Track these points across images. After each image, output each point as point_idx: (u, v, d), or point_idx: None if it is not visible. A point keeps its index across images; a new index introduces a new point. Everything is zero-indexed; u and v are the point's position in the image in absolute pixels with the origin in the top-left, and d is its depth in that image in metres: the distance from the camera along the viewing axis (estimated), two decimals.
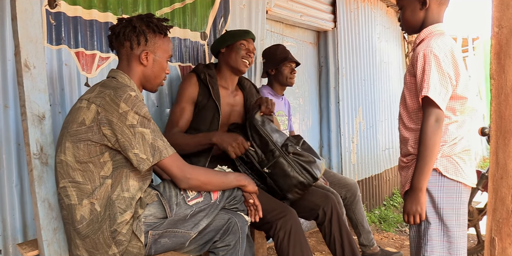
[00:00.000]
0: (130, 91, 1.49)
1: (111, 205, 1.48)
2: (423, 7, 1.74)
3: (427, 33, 1.76)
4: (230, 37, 2.33)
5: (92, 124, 1.46)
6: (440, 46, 1.65)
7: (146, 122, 1.49)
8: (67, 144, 1.49)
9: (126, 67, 1.66)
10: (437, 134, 1.64)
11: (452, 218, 1.70)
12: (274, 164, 2.04)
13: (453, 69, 1.67)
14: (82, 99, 1.51)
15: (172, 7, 2.48)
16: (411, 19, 1.79)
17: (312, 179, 2.02)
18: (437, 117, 1.65)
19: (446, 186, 1.70)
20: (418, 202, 1.69)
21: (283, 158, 2.03)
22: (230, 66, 2.32)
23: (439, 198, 1.71)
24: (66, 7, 1.99)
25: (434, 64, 1.64)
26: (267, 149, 2.06)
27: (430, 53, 1.64)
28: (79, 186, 1.49)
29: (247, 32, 2.36)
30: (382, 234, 3.97)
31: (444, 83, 1.65)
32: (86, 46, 2.07)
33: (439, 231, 1.72)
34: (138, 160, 1.47)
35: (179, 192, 1.60)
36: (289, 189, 2.04)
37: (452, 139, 1.71)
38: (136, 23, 1.64)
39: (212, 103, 2.22)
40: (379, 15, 5.02)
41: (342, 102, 4.14)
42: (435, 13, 1.75)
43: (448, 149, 1.71)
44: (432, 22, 1.75)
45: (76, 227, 1.49)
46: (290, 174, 2.02)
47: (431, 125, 1.64)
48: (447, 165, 1.71)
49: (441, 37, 1.69)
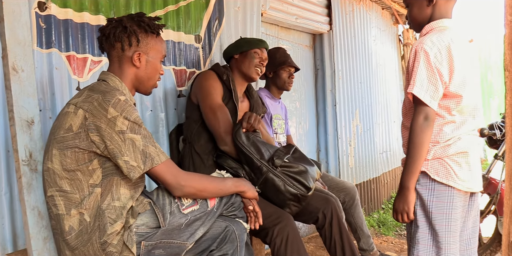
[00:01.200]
0: (119, 95, 1.43)
1: (101, 215, 1.41)
2: (430, 3, 1.70)
3: (428, 29, 1.72)
4: (246, 44, 2.34)
5: (80, 130, 1.39)
6: (434, 42, 1.61)
7: (137, 127, 1.42)
8: (54, 151, 1.42)
9: (118, 69, 1.59)
10: (425, 132, 1.60)
11: (442, 223, 1.64)
12: (264, 181, 1.95)
13: (447, 65, 1.61)
14: (70, 104, 1.45)
15: (166, 9, 2.44)
16: (419, 16, 1.75)
17: (306, 189, 1.94)
18: (426, 115, 1.60)
19: (437, 189, 1.65)
20: (405, 201, 1.66)
21: (271, 173, 1.94)
22: (242, 73, 2.32)
23: (429, 202, 1.65)
24: (56, 9, 1.94)
25: (423, 60, 1.60)
26: (254, 167, 1.98)
27: (421, 49, 1.61)
28: (67, 195, 1.42)
29: (262, 41, 2.38)
30: (381, 238, 3.92)
31: (432, 80, 1.60)
32: (77, 50, 2.02)
33: (428, 235, 1.66)
34: (128, 168, 1.40)
35: (173, 200, 1.53)
36: (284, 204, 1.96)
37: (445, 140, 1.65)
38: (126, 23, 1.57)
39: (231, 105, 2.19)
40: (375, 18, 5.01)
41: (339, 105, 4.10)
42: (442, 9, 1.71)
43: (440, 151, 1.65)
44: (439, 17, 1.71)
45: (65, 238, 1.43)
46: (282, 189, 1.93)
47: (418, 123, 1.60)
48: (438, 168, 1.65)
49: (439, 33, 1.65)
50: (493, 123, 3.28)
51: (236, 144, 2.00)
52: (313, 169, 2.01)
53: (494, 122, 3.29)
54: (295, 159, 2.03)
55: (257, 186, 1.96)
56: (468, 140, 1.68)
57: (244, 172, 2.01)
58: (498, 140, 3.21)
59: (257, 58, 2.32)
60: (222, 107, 2.13)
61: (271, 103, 2.86)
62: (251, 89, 2.46)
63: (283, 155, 2.01)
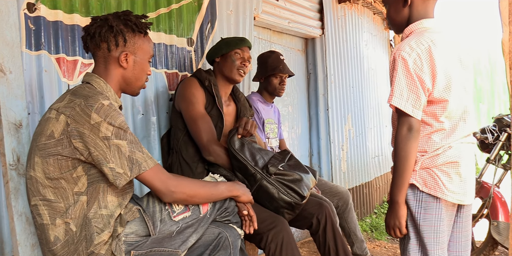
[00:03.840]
0: (102, 99, 1.36)
1: (87, 224, 1.36)
2: (405, 4, 1.64)
3: (408, 32, 1.65)
4: (225, 46, 2.27)
5: (62, 137, 1.33)
6: (413, 47, 1.54)
7: (122, 133, 1.36)
8: (36, 159, 1.36)
9: (104, 70, 1.53)
10: (410, 144, 1.53)
11: (430, 236, 1.58)
12: (258, 189, 1.92)
13: (429, 71, 1.54)
14: (52, 109, 1.38)
15: (158, 12, 2.41)
16: (396, 17, 1.69)
17: (300, 198, 1.91)
18: (409, 126, 1.53)
19: (425, 201, 1.58)
20: (396, 216, 1.60)
21: (265, 181, 1.92)
22: (225, 76, 2.26)
23: (417, 214, 1.59)
24: (46, 11, 1.90)
25: (402, 68, 1.53)
26: (248, 174, 1.95)
27: (399, 56, 1.54)
28: (51, 204, 1.36)
29: (242, 40, 2.29)
30: (374, 243, 3.90)
31: (413, 88, 1.53)
32: (67, 52, 1.98)
33: (417, 247, 1.61)
34: (114, 175, 1.35)
35: (164, 207, 1.48)
36: (278, 212, 1.94)
37: (434, 150, 1.58)
38: (113, 22, 1.49)
39: (216, 111, 2.15)
40: (366, 22, 5.03)
41: (331, 109, 4.10)
42: (420, 9, 1.63)
43: (428, 161, 1.58)
44: (418, 18, 1.63)
45: (50, 249, 1.37)
46: (276, 197, 1.91)
47: (402, 135, 1.54)
48: (426, 178, 1.58)
49: (418, 36, 1.57)
50: (485, 127, 3.29)
51: (230, 151, 1.97)
52: (308, 177, 1.98)
53: (486, 126, 3.30)
54: (290, 167, 2.00)
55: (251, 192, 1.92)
56: (460, 149, 1.60)
57: (237, 180, 1.97)
58: (490, 144, 3.23)
59: (239, 59, 2.24)
60: (204, 116, 2.10)
61: (263, 107, 2.84)
62: (237, 92, 2.41)
63: (278, 162, 1.98)
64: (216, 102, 2.17)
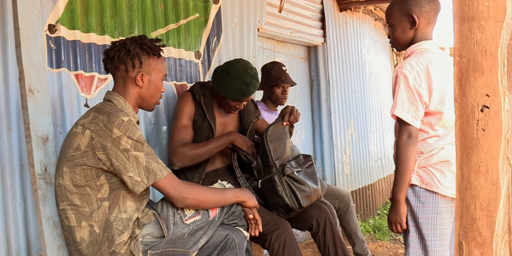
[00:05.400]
0: (123, 116, 1.55)
1: (109, 227, 1.54)
2: (413, 26, 1.83)
3: (410, 52, 1.86)
4: (226, 92, 2.22)
5: (87, 149, 1.52)
6: (413, 66, 1.74)
7: (140, 145, 1.54)
8: (64, 169, 1.55)
9: (122, 89, 1.71)
10: (409, 149, 1.73)
11: (428, 227, 1.77)
12: (268, 179, 2.10)
13: (426, 87, 1.74)
14: (78, 124, 1.57)
15: (167, 28, 2.57)
16: (401, 38, 1.88)
17: (298, 206, 2.07)
18: (409, 133, 1.74)
19: (423, 196, 1.78)
20: (397, 213, 1.80)
21: (277, 176, 2.08)
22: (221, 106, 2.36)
23: (416, 208, 1.79)
24: (65, 31, 2.07)
25: (403, 84, 1.74)
26: (266, 163, 2.12)
27: (401, 74, 1.75)
28: (78, 209, 1.55)
29: (244, 94, 2.21)
30: (376, 243, 4.04)
31: (413, 101, 1.73)
32: (85, 68, 2.15)
33: (416, 239, 1.80)
34: (133, 183, 1.53)
35: (177, 211, 1.65)
36: (274, 207, 2.11)
37: (428, 151, 1.78)
38: (130, 46, 1.68)
39: (207, 123, 2.30)
40: (368, 29, 5.16)
41: (334, 114, 4.24)
42: (423, 31, 1.84)
43: (424, 161, 1.78)
44: (420, 40, 1.84)
45: (77, 248, 1.56)
46: (279, 194, 2.07)
47: (402, 141, 1.74)
48: (423, 176, 1.78)
49: (418, 56, 1.78)
50: None
51: (262, 137, 2.13)
52: (315, 190, 2.15)
53: None
54: (305, 174, 2.17)
55: (260, 181, 2.10)
56: (452, 150, 1.78)
57: (255, 163, 2.15)
58: None
59: (234, 105, 2.28)
60: (182, 127, 2.24)
61: (267, 115, 2.99)
62: None
63: (297, 166, 2.15)
64: (206, 114, 2.30)
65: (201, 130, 2.29)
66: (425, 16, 1.82)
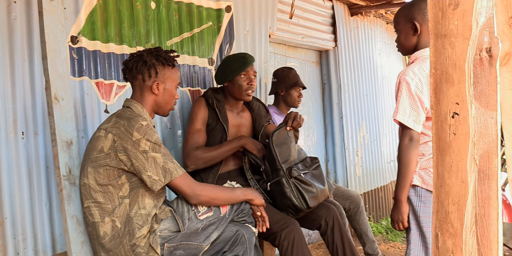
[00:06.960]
0: (142, 121, 1.69)
1: (130, 221, 1.68)
2: (416, 33, 1.91)
3: (413, 58, 1.94)
4: (230, 72, 2.43)
5: (110, 151, 1.66)
6: (416, 73, 1.83)
7: (157, 147, 1.69)
8: (89, 169, 1.70)
9: (139, 96, 1.86)
10: (410, 152, 1.81)
11: (429, 225, 1.85)
12: (276, 182, 2.20)
13: (427, 93, 1.82)
14: (101, 129, 1.72)
15: (181, 37, 2.70)
16: (405, 43, 1.96)
17: (306, 207, 2.16)
18: (410, 137, 1.82)
19: (424, 196, 1.86)
20: (399, 212, 1.88)
21: (285, 179, 2.18)
22: (235, 97, 2.49)
23: (418, 207, 1.87)
24: (86, 42, 2.22)
25: (405, 90, 1.83)
26: (273, 166, 2.22)
27: (403, 80, 1.84)
28: (101, 206, 1.69)
29: (245, 62, 2.43)
30: (388, 244, 4.10)
31: (414, 106, 1.82)
32: (105, 77, 2.29)
33: (417, 236, 1.88)
34: (151, 181, 1.67)
35: (191, 208, 1.79)
36: (283, 208, 2.21)
37: (430, 153, 1.85)
38: (146, 58, 1.83)
39: (220, 126, 2.42)
40: (379, 32, 5.22)
41: (346, 117, 4.32)
42: (426, 39, 1.90)
43: (426, 163, 1.86)
44: (423, 46, 1.91)
45: (100, 242, 1.69)
46: (287, 195, 2.17)
47: (404, 144, 1.83)
48: (424, 177, 1.86)
49: (421, 63, 1.86)
50: None
51: (268, 142, 2.24)
52: (322, 191, 2.24)
53: None
54: (312, 175, 2.27)
55: (269, 183, 2.21)
56: None
57: (263, 167, 2.25)
58: None
59: (245, 81, 2.42)
60: (196, 131, 2.37)
61: (279, 119, 3.10)
62: (251, 103, 2.62)
63: (303, 168, 2.25)
64: (219, 117, 2.42)
65: (215, 132, 2.41)
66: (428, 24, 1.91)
